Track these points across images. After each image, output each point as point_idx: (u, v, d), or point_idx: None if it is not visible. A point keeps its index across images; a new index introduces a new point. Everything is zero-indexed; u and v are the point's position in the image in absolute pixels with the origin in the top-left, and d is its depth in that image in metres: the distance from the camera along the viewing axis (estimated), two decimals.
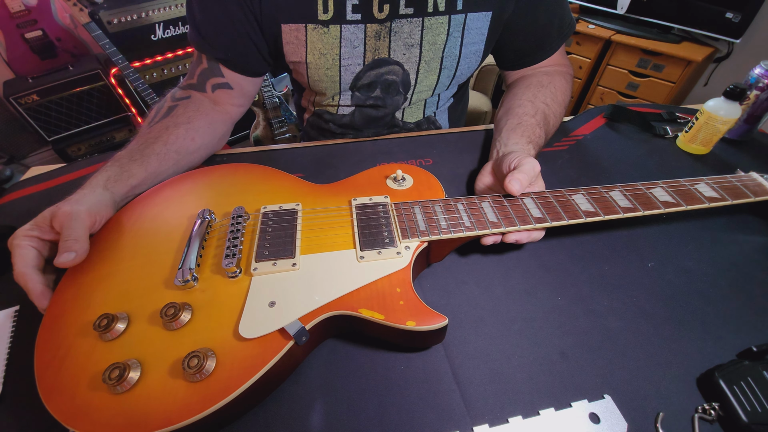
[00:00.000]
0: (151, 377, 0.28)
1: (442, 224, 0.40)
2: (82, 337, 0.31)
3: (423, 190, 0.45)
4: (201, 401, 0.27)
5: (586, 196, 0.43)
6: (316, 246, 0.38)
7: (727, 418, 0.31)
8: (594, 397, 0.33)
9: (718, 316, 0.39)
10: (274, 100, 1.60)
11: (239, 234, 0.38)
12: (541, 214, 0.41)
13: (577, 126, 0.67)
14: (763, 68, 0.57)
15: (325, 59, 0.54)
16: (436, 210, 0.41)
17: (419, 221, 0.40)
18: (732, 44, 1.55)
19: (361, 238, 0.38)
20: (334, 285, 0.35)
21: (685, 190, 0.44)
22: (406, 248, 0.38)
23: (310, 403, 0.33)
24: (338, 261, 0.37)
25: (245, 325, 0.31)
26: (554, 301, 0.40)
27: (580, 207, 0.42)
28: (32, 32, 1.57)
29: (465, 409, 0.32)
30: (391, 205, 0.42)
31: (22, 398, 0.33)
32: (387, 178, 0.46)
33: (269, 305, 0.33)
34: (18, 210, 0.51)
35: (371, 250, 0.37)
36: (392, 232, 0.39)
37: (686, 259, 0.44)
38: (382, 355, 0.36)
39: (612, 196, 0.43)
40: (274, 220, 0.40)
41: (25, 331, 0.38)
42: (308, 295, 0.34)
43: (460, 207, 0.42)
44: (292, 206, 0.42)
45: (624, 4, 1.67)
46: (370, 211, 0.41)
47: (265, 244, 0.37)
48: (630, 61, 1.66)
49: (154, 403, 0.27)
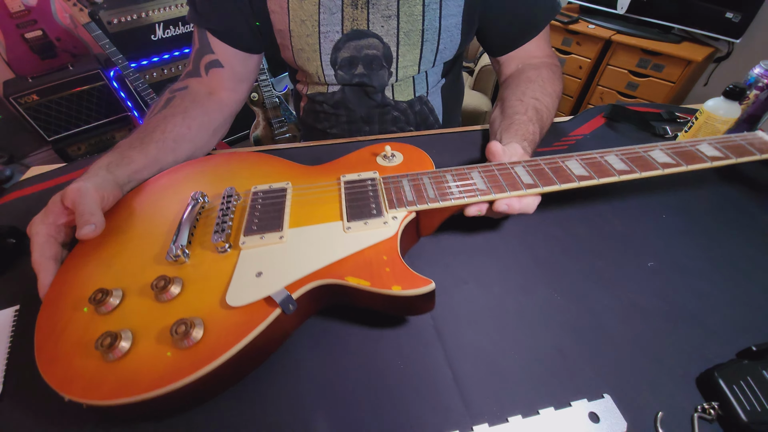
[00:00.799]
0: (141, 345, 0.29)
1: (430, 194, 0.40)
2: (79, 311, 0.32)
3: (413, 166, 0.45)
4: (189, 366, 0.28)
5: (580, 161, 0.42)
6: (303, 219, 0.39)
7: (727, 417, 0.31)
8: (594, 396, 0.33)
9: (717, 315, 0.39)
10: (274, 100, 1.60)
11: (229, 212, 0.39)
12: (532, 180, 0.40)
13: (576, 126, 0.67)
14: (762, 68, 0.57)
15: (305, 26, 0.56)
16: (424, 181, 0.42)
17: (407, 192, 0.41)
18: (732, 44, 1.55)
19: (348, 210, 0.39)
20: (320, 255, 0.35)
21: (686, 150, 0.43)
22: (393, 218, 0.38)
23: (309, 403, 0.33)
24: (325, 232, 0.37)
25: (232, 294, 0.32)
26: (553, 300, 0.40)
27: (573, 172, 0.41)
28: (32, 32, 1.57)
29: (464, 408, 0.32)
30: (380, 180, 0.43)
31: (22, 398, 0.33)
32: (377, 156, 0.47)
33: (256, 275, 0.33)
34: (18, 210, 0.51)
35: (358, 221, 0.38)
36: (379, 204, 0.39)
37: (686, 259, 0.44)
38: (382, 355, 0.36)
39: (607, 160, 0.42)
40: (264, 197, 0.41)
41: (25, 331, 0.38)
42: (295, 264, 0.34)
43: (448, 177, 0.42)
44: (282, 185, 0.43)
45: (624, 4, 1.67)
46: (358, 186, 0.42)
47: (254, 220, 0.38)
48: (630, 61, 1.66)
49: (144, 368, 0.28)
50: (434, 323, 0.38)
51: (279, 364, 0.35)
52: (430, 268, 0.43)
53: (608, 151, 0.43)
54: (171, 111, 0.52)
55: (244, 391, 0.34)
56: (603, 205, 0.51)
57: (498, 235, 0.47)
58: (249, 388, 0.34)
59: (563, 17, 1.79)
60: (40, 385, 0.34)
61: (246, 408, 0.33)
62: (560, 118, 0.69)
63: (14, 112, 1.55)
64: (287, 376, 0.34)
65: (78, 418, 0.32)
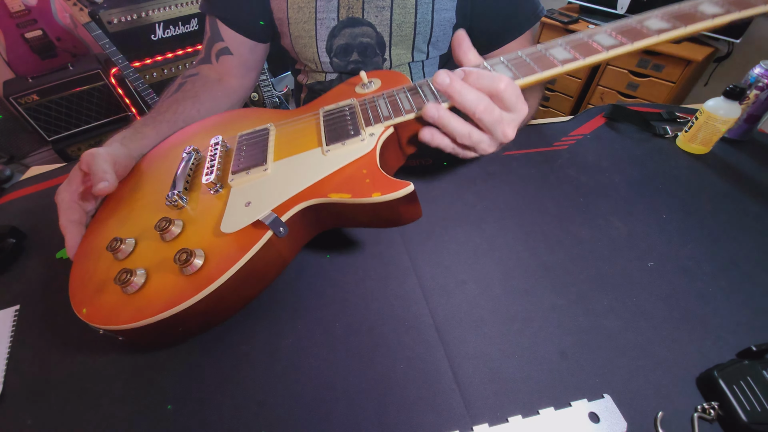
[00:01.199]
0: (153, 278, 0.33)
1: (406, 106, 0.40)
2: (101, 260, 0.36)
3: (392, 87, 0.45)
4: (193, 288, 0.31)
5: (565, 46, 0.39)
6: (286, 151, 0.41)
7: (727, 417, 0.31)
8: (593, 396, 0.33)
9: (718, 315, 0.39)
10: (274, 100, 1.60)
11: (217, 157, 0.41)
12: (511, 73, 0.38)
13: (577, 125, 0.67)
14: (762, 68, 0.57)
15: (303, 12, 0.59)
16: (400, 96, 0.41)
17: (382, 109, 0.41)
18: (732, 44, 1.55)
19: (326, 135, 0.40)
20: (302, 178, 0.37)
21: (685, 12, 0.39)
22: (371, 135, 0.39)
23: (309, 402, 0.33)
24: (306, 159, 0.39)
25: (225, 223, 0.35)
26: (554, 300, 0.40)
27: (556, 57, 0.38)
28: (32, 32, 1.57)
29: (465, 408, 0.32)
30: (356, 103, 0.43)
31: (22, 398, 0.33)
32: (355, 87, 0.46)
33: (245, 205, 0.36)
34: (18, 210, 0.51)
35: (336, 143, 0.39)
36: (357, 124, 0.40)
37: (686, 259, 0.44)
38: (383, 355, 0.36)
39: (596, 39, 0.39)
40: (248, 139, 0.43)
41: (25, 331, 0.38)
42: (279, 190, 0.37)
43: (425, 89, 0.41)
44: (265, 126, 0.45)
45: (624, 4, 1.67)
46: (336, 113, 0.43)
47: (240, 159, 0.40)
48: (630, 61, 1.66)
49: (156, 295, 0.32)
50: (435, 324, 0.38)
51: (280, 365, 0.35)
52: (430, 268, 0.43)
53: (597, 30, 0.39)
54: (182, 95, 0.56)
55: (245, 391, 0.34)
56: (603, 205, 0.51)
57: (498, 236, 0.47)
58: (250, 388, 0.34)
59: (563, 17, 1.79)
60: (40, 385, 0.34)
61: (246, 408, 0.33)
62: (560, 118, 0.69)
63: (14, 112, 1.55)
64: (288, 376, 0.34)
65: (78, 418, 0.32)
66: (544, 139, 0.63)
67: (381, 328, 0.38)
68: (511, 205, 0.51)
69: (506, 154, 0.59)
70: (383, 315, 0.39)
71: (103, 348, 0.37)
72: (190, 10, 1.64)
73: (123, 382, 0.34)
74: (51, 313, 0.39)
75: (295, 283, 0.42)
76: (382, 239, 0.46)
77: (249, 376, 0.35)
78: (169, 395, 0.33)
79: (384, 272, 0.43)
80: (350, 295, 0.41)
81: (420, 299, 0.40)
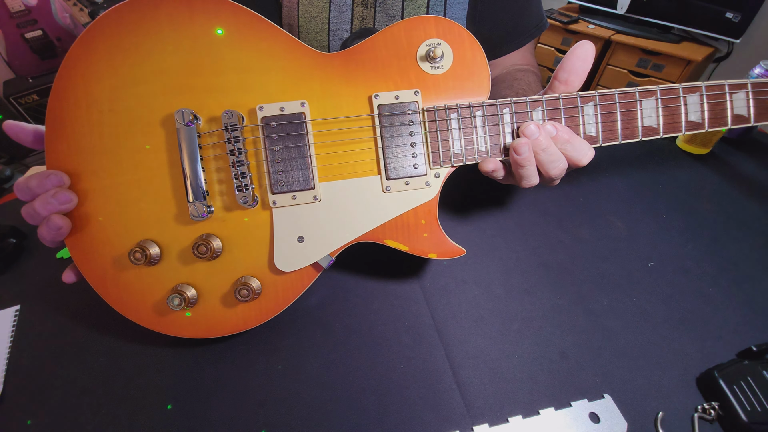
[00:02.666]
0: (207, 301, 0.35)
1: (481, 146, 0.34)
2: (125, 269, 0.34)
3: (465, 76, 0.35)
4: (258, 316, 0.35)
5: (658, 103, 0.35)
6: (335, 172, 0.34)
7: (727, 417, 0.31)
8: (594, 396, 0.33)
9: (718, 315, 0.39)
10: None
11: (242, 155, 0.33)
12: (595, 131, 0.34)
13: None
14: (763, 68, 0.57)
15: (315, 23, 0.57)
16: (476, 122, 0.34)
17: (454, 140, 0.34)
18: (732, 44, 1.55)
19: (387, 163, 0.34)
20: (361, 219, 0.35)
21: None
22: (436, 176, 0.35)
23: (309, 402, 0.33)
24: (363, 190, 0.34)
25: (280, 260, 0.34)
26: (554, 300, 0.40)
27: (642, 121, 0.35)
28: (32, 32, 1.57)
29: (465, 408, 0.32)
30: (422, 111, 0.34)
31: (22, 398, 0.33)
32: (418, 54, 0.34)
33: (298, 240, 0.34)
34: (18, 210, 0.51)
35: (398, 180, 0.34)
36: (423, 154, 0.34)
37: (686, 259, 0.44)
38: (384, 356, 0.36)
39: (687, 103, 0.35)
40: (279, 132, 0.33)
41: (25, 331, 0.38)
42: (336, 230, 0.35)
43: (506, 117, 0.34)
44: (296, 107, 0.33)
45: (624, 4, 1.67)
46: (396, 119, 0.34)
47: (277, 171, 0.33)
48: (630, 61, 1.66)
49: (215, 318, 0.35)
50: (435, 324, 0.38)
51: (282, 365, 0.35)
52: (430, 268, 0.43)
53: (695, 89, 0.36)
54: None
55: (245, 391, 0.34)
56: (604, 205, 0.51)
57: (498, 236, 0.47)
58: (250, 388, 0.34)
59: (563, 17, 1.79)
60: (40, 385, 0.34)
61: (246, 408, 0.33)
62: None
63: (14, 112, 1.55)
64: (288, 376, 0.34)
65: (78, 418, 0.32)
66: None
67: (381, 328, 0.38)
68: (511, 205, 0.51)
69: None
70: (383, 315, 0.39)
71: (104, 348, 0.37)
72: None
73: (123, 382, 0.34)
74: (51, 313, 0.39)
75: None
76: None
77: (249, 376, 0.35)
78: (169, 395, 0.33)
79: (384, 272, 0.43)
80: (350, 295, 0.41)
81: (420, 299, 0.40)
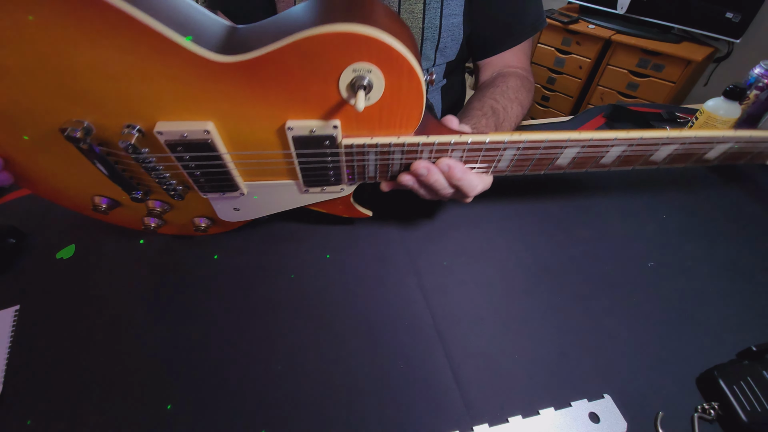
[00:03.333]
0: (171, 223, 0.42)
1: (395, 170, 0.36)
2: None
3: (394, 110, 0.30)
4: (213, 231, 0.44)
5: (578, 151, 0.36)
6: (257, 176, 0.36)
7: (727, 417, 0.31)
8: (594, 396, 0.33)
9: (718, 316, 0.39)
10: None
11: (161, 171, 0.32)
12: (507, 168, 0.37)
13: (576, 126, 0.67)
14: (762, 68, 0.57)
15: None
16: (394, 157, 0.34)
17: (370, 168, 0.36)
18: (732, 44, 1.55)
19: (303, 177, 0.36)
20: (284, 204, 0.40)
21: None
22: (351, 185, 0.39)
23: (309, 402, 0.33)
24: (284, 188, 0.38)
25: (222, 215, 0.40)
26: (554, 300, 0.40)
27: (560, 164, 0.37)
28: None
29: (464, 408, 0.32)
30: (341, 145, 0.32)
31: (22, 398, 0.33)
32: (341, 82, 0.27)
33: (234, 210, 0.40)
34: (18, 210, 0.51)
35: (315, 187, 0.38)
36: (339, 175, 0.36)
37: (686, 259, 0.44)
38: (383, 355, 0.36)
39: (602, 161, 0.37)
40: (190, 154, 0.31)
41: (25, 331, 0.38)
42: (263, 206, 0.40)
43: (426, 154, 0.34)
44: (200, 133, 0.29)
45: (624, 4, 1.67)
46: (313, 147, 0.32)
47: (200, 180, 0.34)
48: (630, 61, 1.66)
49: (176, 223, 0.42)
50: (435, 323, 0.38)
51: (281, 364, 0.35)
52: (430, 268, 0.43)
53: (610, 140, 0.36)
54: None
55: (245, 391, 0.34)
56: (604, 205, 0.51)
57: (498, 236, 0.47)
58: (250, 388, 0.34)
59: (563, 17, 1.79)
60: (40, 385, 0.34)
61: (246, 408, 0.33)
62: (560, 118, 0.69)
63: None
64: (288, 376, 0.34)
65: (78, 418, 0.32)
66: None
67: (381, 328, 0.38)
68: (510, 205, 0.51)
69: None
70: (383, 315, 0.39)
71: (103, 348, 0.37)
72: None
73: (123, 382, 0.34)
74: (51, 313, 0.39)
75: (295, 283, 0.42)
76: (382, 239, 0.46)
77: (249, 375, 0.35)
78: (169, 395, 0.33)
79: (384, 272, 0.43)
80: (350, 295, 0.41)
81: (420, 299, 0.40)
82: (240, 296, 0.40)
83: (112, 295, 0.41)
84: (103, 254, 0.44)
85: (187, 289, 0.41)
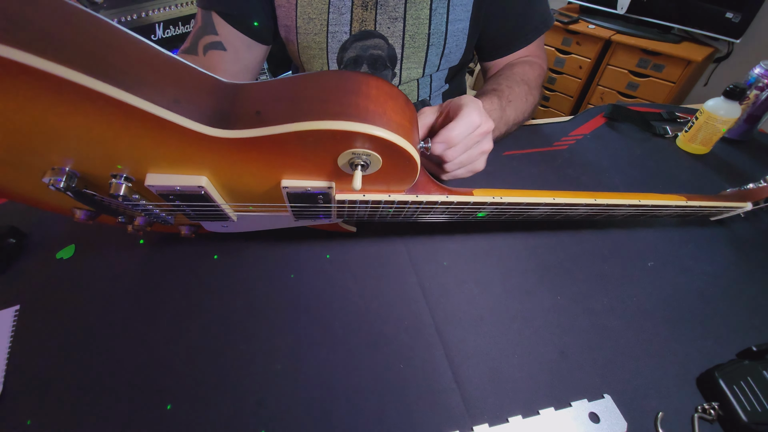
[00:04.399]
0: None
1: (383, 213, 0.38)
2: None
3: (390, 177, 0.31)
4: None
5: (548, 210, 0.40)
6: (249, 208, 0.35)
7: (727, 417, 0.31)
8: (594, 396, 0.33)
9: (718, 315, 0.39)
10: None
11: (150, 209, 0.33)
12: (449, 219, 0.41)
13: (576, 125, 0.67)
14: (762, 68, 0.57)
15: (313, 24, 0.56)
16: (381, 211, 0.37)
17: (360, 214, 0.38)
18: (732, 44, 1.55)
19: (295, 215, 0.37)
20: (273, 225, 0.41)
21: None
22: (340, 219, 0.41)
23: (309, 402, 0.33)
24: (275, 217, 0.38)
25: (210, 228, 0.41)
26: (554, 300, 0.40)
27: (533, 215, 0.41)
28: None
29: (464, 408, 0.32)
30: (334, 199, 0.32)
31: (22, 398, 0.33)
32: (339, 160, 0.28)
33: (222, 226, 0.40)
34: (18, 210, 0.51)
35: (305, 220, 0.40)
36: (330, 215, 0.38)
37: (686, 259, 0.44)
38: (383, 355, 0.36)
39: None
40: (184, 202, 0.31)
41: (25, 331, 0.38)
42: (252, 226, 0.41)
43: (412, 209, 0.37)
44: (194, 187, 0.28)
45: (624, 4, 1.67)
46: (307, 200, 0.33)
47: (192, 216, 0.35)
48: (630, 61, 1.66)
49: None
50: (435, 323, 0.38)
51: (280, 364, 0.35)
52: (430, 268, 0.43)
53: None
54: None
55: (244, 391, 0.34)
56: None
57: (498, 235, 0.47)
58: (250, 388, 0.34)
59: (563, 17, 1.79)
60: (40, 385, 0.34)
61: (246, 408, 0.33)
62: (560, 118, 0.69)
63: None
64: (288, 376, 0.34)
65: (78, 418, 0.32)
66: (544, 138, 0.63)
67: (381, 328, 0.38)
68: None
69: (506, 154, 0.59)
70: (383, 315, 0.39)
71: (103, 348, 0.37)
72: (190, 10, 1.63)
73: (123, 382, 0.34)
74: (51, 313, 0.39)
75: (295, 283, 0.42)
76: (382, 239, 0.46)
77: (249, 376, 0.35)
78: (169, 395, 0.33)
79: (384, 272, 0.43)
80: (350, 295, 0.41)
81: (420, 299, 0.40)
82: (240, 296, 0.40)
83: (112, 295, 0.41)
84: (103, 254, 0.44)
85: (187, 289, 0.41)
